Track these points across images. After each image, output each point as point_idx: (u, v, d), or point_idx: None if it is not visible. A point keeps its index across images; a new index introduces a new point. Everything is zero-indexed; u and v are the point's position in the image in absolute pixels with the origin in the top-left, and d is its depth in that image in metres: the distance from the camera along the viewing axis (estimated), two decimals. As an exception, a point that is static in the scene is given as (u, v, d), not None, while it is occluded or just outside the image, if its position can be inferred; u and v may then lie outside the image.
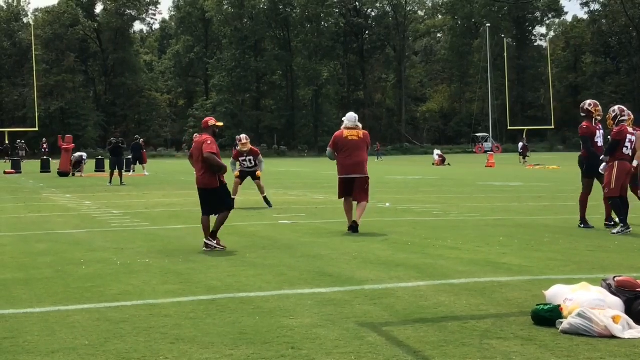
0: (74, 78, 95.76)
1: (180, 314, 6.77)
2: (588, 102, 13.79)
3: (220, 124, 11.44)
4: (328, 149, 13.60)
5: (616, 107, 13.48)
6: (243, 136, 18.55)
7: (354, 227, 12.85)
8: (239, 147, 18.36)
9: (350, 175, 13.18)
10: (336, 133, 13.51)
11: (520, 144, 57.36)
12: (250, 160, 18.32)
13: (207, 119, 11.59)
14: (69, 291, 7.93)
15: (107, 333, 6.12)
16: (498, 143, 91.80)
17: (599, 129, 13.58)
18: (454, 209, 17.51)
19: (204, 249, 10.88)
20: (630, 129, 13.09)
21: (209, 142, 11.02)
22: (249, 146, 18.29)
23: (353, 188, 13.19)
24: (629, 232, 12.43)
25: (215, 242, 10.96)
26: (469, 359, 5.35)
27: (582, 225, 13.46)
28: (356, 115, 13.68)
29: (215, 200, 11.07)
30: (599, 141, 13.48)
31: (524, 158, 53.93)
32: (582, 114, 13.57)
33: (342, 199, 13.41)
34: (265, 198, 18.32)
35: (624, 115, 13.17)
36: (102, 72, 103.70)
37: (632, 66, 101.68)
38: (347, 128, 13.29)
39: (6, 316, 6.79)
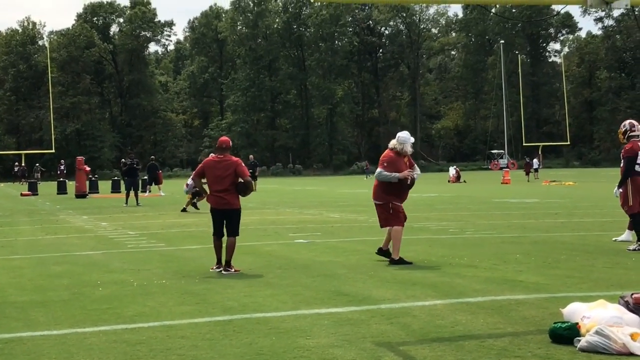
0: (90, 100, 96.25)
1: (196, 335, 6.78)
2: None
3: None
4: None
5: (627, 122, 13.26)
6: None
7: (380, 252, 11.82)
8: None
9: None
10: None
11: (528, 161, 56.62)
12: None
13: (227, 139, 11.38)
14: (85, 313, 7.96)
15: (124, 355, 6.13)
16: (513, 159, 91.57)
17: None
18: (470, 227, 17.46)
19: (223, 272, 10.76)
20: None
21: (243, 165, 11.08)
22: None
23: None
24: None
25: (232, 269, 10.82)
26: (486, 379, 5.33)
27: None
28: (405, 136, 11.76)
29: (232, 222, 10.96)
30: None
31: (527, 175, 53.73)
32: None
33: None
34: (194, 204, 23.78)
35: (634, 131, 12.96)
36: (117, 94, 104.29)
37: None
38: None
39: (24, 339, 6.81)
